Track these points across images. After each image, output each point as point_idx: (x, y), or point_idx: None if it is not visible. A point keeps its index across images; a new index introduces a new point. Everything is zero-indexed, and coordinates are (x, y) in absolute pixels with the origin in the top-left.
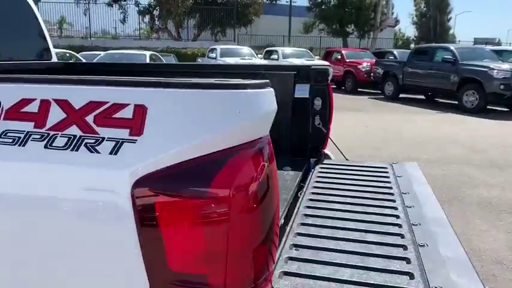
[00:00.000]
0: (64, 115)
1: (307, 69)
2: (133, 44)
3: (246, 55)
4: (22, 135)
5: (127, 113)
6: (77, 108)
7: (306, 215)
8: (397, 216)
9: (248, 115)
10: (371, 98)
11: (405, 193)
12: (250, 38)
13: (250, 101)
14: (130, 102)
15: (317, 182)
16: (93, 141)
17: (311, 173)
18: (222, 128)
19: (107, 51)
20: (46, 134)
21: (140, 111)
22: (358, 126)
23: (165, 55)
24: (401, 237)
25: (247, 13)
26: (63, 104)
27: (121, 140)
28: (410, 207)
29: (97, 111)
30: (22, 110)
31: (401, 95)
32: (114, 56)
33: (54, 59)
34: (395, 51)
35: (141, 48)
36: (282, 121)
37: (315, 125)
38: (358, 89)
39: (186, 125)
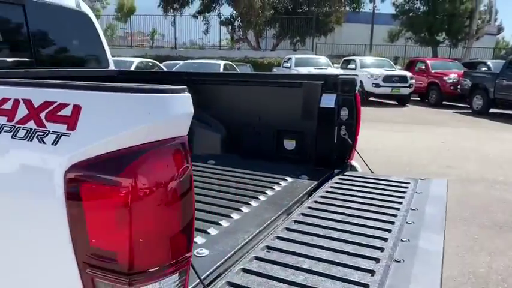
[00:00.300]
0: (27, 112)
1: (334, 78)
2: (215, 54)
3: (321, 65)
4: None
5: (67, 111)
6: (36, 106)
7: (296, 221)
8: (389, 231)
9: (159, 116)
10: (456, 112)
11: (414, 209)
12: (329, 47)
13: (162, 104)
14: (71, 102)
15: (327, 191)
16: (42, 133)
17: (326, 183)
18: (135, 126)
19: (185, 61)
20: (13, 127)
21: (76, 110)
22: (434, 142)
23: (241, 64)
24: (381, 251)
25: (328, 22)
26: (28, 103)
27: (60, 134)
28: (410, 223)
29: (48, 109)
30: (1, 107)
31: (491, 110)
32: (192, 65)
33: (111, 67)
34: (489, 62)
35: (221, 58)
36: (308, 130)
37: (341, 136)
38: (443, 102)
39: (108, 123)
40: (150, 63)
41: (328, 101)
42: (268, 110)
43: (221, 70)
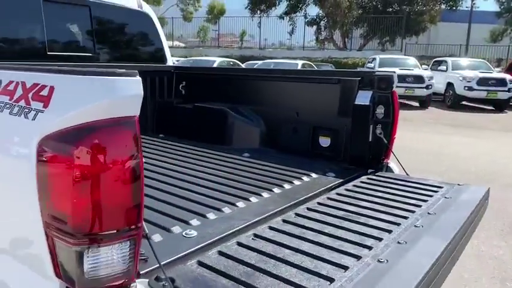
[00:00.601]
0: (22, 92)
1: (371, 75)
2: (299, 54)
3: (408, 65)
4: (2, 105)
5: (45, 91)
6: (27, 87)
7: (297, 214)
8: (390, 232)
9: (111, 96)
10: None
11: (430, 213)
12: (420, 47)
13: (114, 85)
14: (48, 84)
15: (346, 189)
16: (27, 110)
17: (350, 182)
18: (89, 105)
19: (264, 61)
20: (12, 105)
21: (51, 90)
22: None
23: (323, 64)
24: (368, 250)
25: (421, 21)
26: (23, 85)
27: (38, 110)
28: (418, 226)
29: (34, 90)
30: (7, 88)
31: None
32: (270, 65)
33: (169, 63)
34: None
35: (304, 58)
36: (342, 128)
37: (376, 135)
38: None
39: (70, 101)
40: (231, 63)
41: (363, 98)
42: (306, 106)
43: (299, 68)
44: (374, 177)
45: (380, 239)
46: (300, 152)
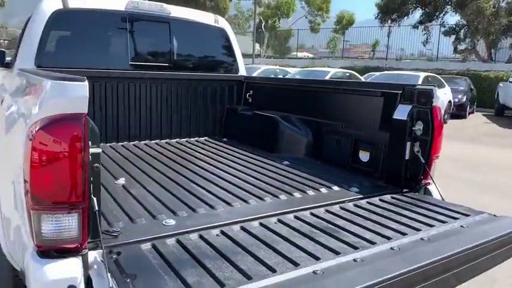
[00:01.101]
0: (33, 91)
1: (411, 88)
2: (430, 65)
3: None
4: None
5: (39, 91)
6: (36, 87)
7: (279, 220)
8: (356, 248)
9: (64, 96)
10: None
11: (424, 239)
12: None
13: (64, 88)
14: (40, 85)
15: (355, 205)
16: (29, 104)
17: (366, 199)
18: (50, 101)
19: (382, 72)
20: (27, 100)
21: (41, 90)
22: None
23: (456, 78)
24: (315, 260)
25: None
26: (35, 86)
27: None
28: (393, 249)
29: (36, 89)
30: (30, 88)
31: None
32: (388, 76)
33: (242, 73)
34: None
35: (436, 70)
36: (381, 143)
37: (414, 152)
38: None
39: (43, 99)
40: (347, 74)
41: (401, 112)
42: (350, 119)
43: (419, 82)
44: (398, 196)
45: (338, 253)
46: (340, 165)
